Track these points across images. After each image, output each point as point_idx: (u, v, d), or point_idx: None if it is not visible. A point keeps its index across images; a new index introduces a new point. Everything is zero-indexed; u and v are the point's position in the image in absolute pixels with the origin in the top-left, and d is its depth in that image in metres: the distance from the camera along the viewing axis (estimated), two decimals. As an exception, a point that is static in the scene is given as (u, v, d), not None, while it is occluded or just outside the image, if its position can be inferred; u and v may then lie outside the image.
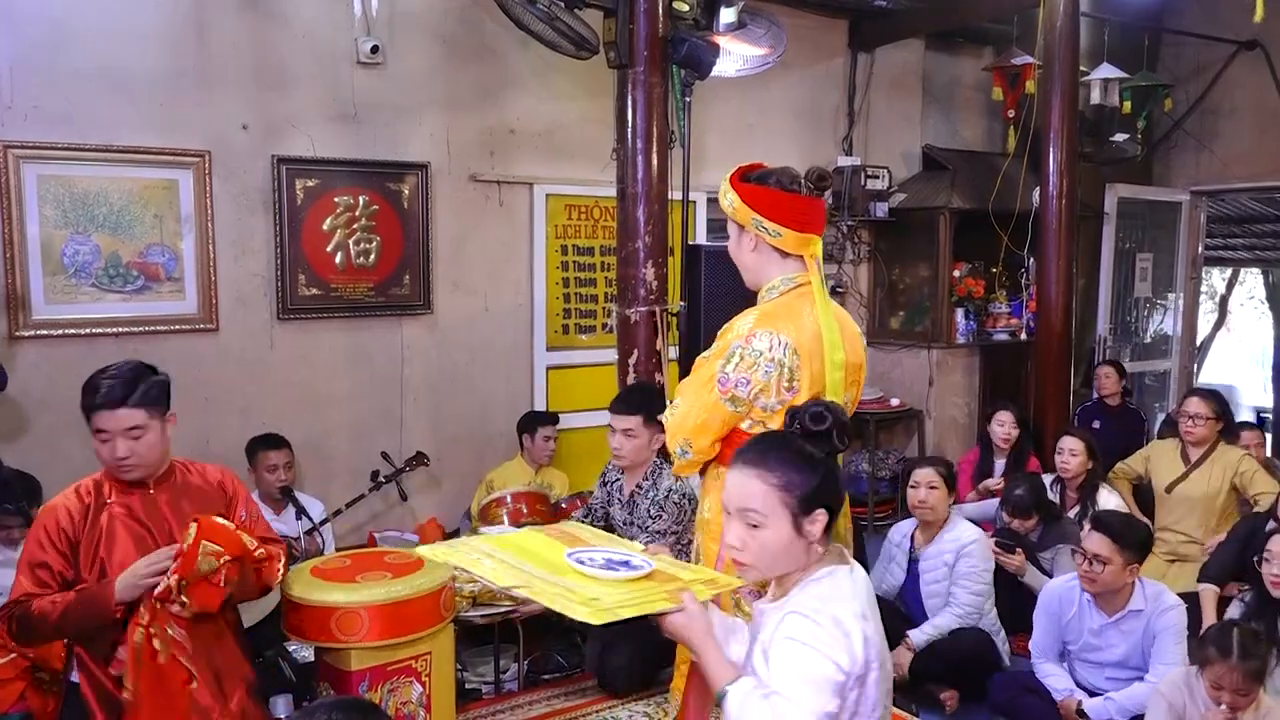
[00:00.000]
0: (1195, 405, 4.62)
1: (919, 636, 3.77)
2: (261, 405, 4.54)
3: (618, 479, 3.86)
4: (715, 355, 2.35)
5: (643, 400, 3.69)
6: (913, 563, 3.99)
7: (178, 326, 4.36)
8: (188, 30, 4.29)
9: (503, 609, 3.61)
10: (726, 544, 1.81)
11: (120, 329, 4.22)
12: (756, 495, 1.74)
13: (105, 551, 2.52)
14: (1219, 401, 4.65)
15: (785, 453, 1.77)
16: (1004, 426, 5.12)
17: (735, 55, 4.74)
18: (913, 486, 3.93)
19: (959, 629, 3.75)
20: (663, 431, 2.77)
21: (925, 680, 3.79)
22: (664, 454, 3.50)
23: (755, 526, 1.74)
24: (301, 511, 4.04)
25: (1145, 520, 4.34)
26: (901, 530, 4.12)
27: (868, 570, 4.30)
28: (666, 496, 3.67)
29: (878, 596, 4.06)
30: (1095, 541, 3.29)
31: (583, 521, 3.59)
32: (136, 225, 4.23)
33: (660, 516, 3.66)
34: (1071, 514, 4.53)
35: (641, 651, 3.64)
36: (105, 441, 2.49)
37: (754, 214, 2.33)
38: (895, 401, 6.29)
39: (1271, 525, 3.71)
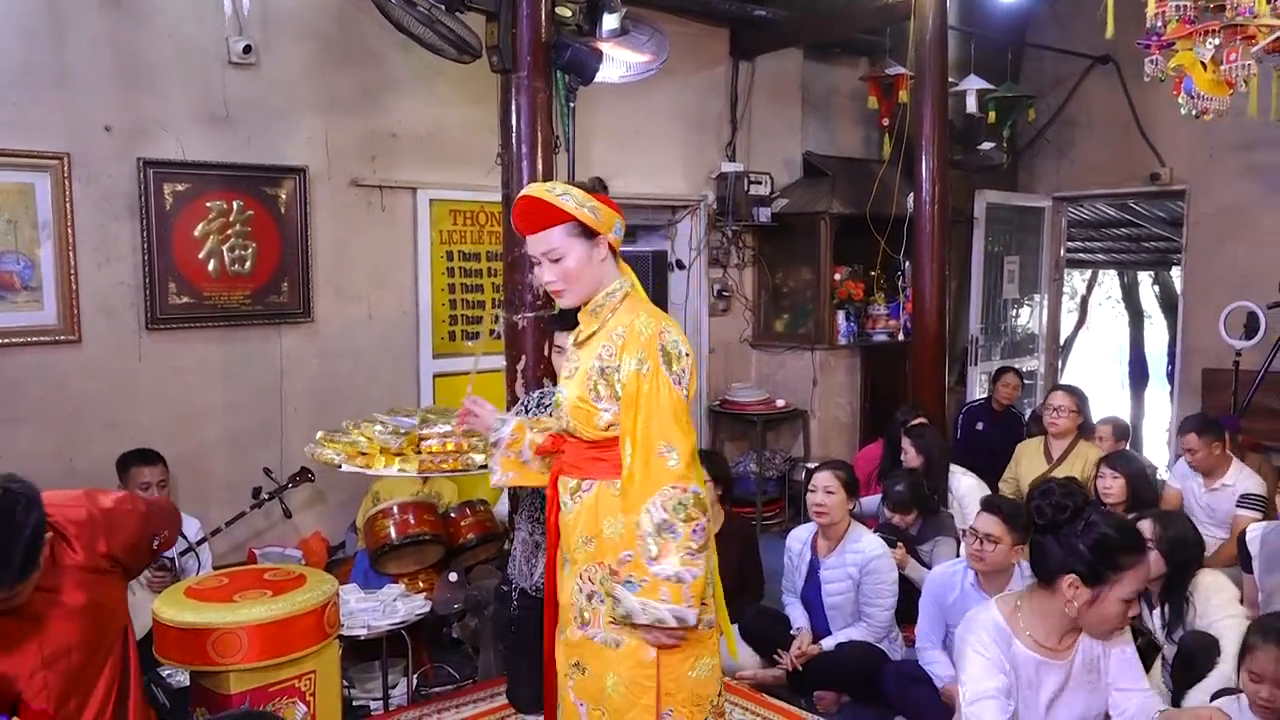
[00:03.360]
0: (1059, 398, 4.95)
1: (830, 643, 3.81)
2: (130, 420, 4.33)
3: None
4: (651, 372, 2.22)
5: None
6: (814, 570, 3.96)
7: (35, 338, 4.12)
8: (42, 25, 4.06)
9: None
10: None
11: (-29, 342, 3.98)
12: None
13: None
14: (1079, 396, 4.96)
15: None
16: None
17: (619, 61, 4.76)
18: (810, 490, 3.92)
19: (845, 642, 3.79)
20: None
21: (812, 688, 3.81)
22: None
23: None
24: (175, 530, 3.86)
25: None
26: (800, 538, 4.06)
27: (762, 577, 4.38)
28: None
29: (767, 608, 4.15)
30: (986, 521, 3.43)
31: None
32: (-13, 231, 3.99)
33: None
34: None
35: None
36: None
37: (617, 217, 2.38)
38: (780, 402, 6.42)
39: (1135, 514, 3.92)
